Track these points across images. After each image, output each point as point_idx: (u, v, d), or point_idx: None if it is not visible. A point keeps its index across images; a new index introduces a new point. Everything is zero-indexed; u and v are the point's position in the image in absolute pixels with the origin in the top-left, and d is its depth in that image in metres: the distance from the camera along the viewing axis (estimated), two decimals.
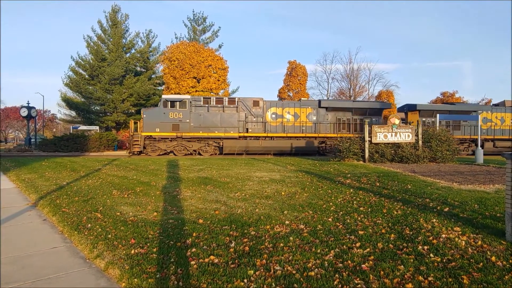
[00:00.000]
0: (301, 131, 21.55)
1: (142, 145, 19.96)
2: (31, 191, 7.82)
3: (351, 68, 45.94)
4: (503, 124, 24.31)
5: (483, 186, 7.98)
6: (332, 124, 21.87)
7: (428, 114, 23.24)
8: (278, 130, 21.36)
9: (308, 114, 21.75)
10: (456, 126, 23.63)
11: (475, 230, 4.64)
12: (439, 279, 3.22)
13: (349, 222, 5.14)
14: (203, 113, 20.35)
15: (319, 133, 21.62)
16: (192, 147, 20.62)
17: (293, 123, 21.51)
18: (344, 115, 22.13)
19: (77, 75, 33.43)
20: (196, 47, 29.90)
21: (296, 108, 21.63)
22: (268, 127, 21.19)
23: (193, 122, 20.10)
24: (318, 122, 21.70)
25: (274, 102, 21.92)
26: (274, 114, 21.42)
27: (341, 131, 21.77)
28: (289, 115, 21.56)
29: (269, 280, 3.22)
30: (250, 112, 21.00)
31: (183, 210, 6.00)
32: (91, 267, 3.71)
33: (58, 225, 5.27)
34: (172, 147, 20.42)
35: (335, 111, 22.07)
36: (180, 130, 20.03)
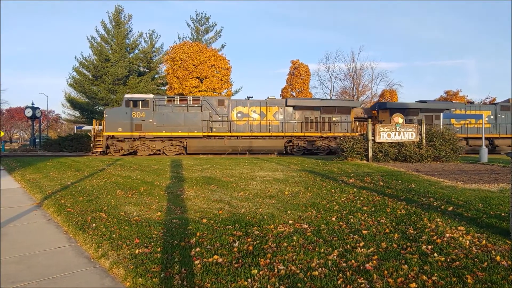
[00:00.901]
0: (267, 130, 21.25)
1: (104, 145, 19.79)
2: (36, 191, 7.89)
3: (354, 67, 45.81)
4: (477, 122, 23.67)
5: (488, 185, 7.93)
6: (300, 123, 21.53)
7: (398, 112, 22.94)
8: (244, 129, 21.02)
9: (275, 113, 21.45)
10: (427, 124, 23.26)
11: (480, 230, 4.61)
12: (443, 279, 3.21)
13: (353, 222, 5.13)
14: (167, 113, 20.14)
15: (286, 132, 21.30)
16: (155, 147, 20.40)
17: (259, 122, 21.18)
18: (312, 113, 21.77)
19: (81, 76, 33.63)
20: (199, 47, 29.94)
21: (262, 107, 21.33)
22: (233, 126, 20.93)
23: (156, 122, 19.90)
24: (285, 121, 21.37)
25: (240, 101, 21.62)
26: (240, 113, 21.10)
27: (309, 130, 21.52)
28: (255, 114, 21.24)
29: (273, 280, 3.23)
30: (215, 112, 20.74)
31: (187, 209, 6.02)
32: (95, 267, 3.73)
33: (63, 224, 5.31)
34: (135, 147, 20.18)
35: (302, 109, 21.66)
36: (143, 129, 19.81)
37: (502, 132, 23.50)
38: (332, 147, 21.79)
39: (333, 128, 21.90)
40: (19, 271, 3.61)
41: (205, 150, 20.76)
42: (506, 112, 23.84)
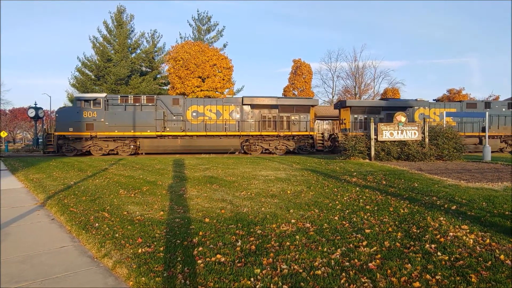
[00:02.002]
0: (224, 129, 20.90)
1: (55, 145, 19.60)
2: (39, 191, 7.92)
3: (356, 66, 45.71)
4: (441, 121, 23.03)
5: (491, 184, 7.89)
6: (257, 122, 21.16)
7: (359, 111, 22.45)
8: (200, 128, 20.70)
9: (231, 111, 21.06)
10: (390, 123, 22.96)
11: (483, 228, 4.59)
12: (446, 278, 3.20)
13: (356, 221, 5.12)
14: (119, 112, 19.76)
15: (242, 131, 20.92)
16: (108, 147, 20.15)
17: (215, 121, 20.83)
18: (269, 112, 21.30)
19: (84, 76, 33.75)
20: (201, 46, 29.95)
21: (218, 106, 20.98)
22: (188, 126, 20.56)
23: (108, 121, 19.54)
24: (242, 120, 20.99)
25: (195, 100, 21.39)
26: (195, 112, 20.73)
27: (267, 129, 21.17)
28: (211, 113, 20.95)
29: (275, 279, 3.22)
30: (170, 111, 20.46)
31: (189, 209, 6.03)
32: (99, 266, 3.74)
33: (66, 224, 5.33)
34: (88, 147, 19.96)
35: (260, 108, 21.25)
36: (95, 129, 19.48)
37: (468, 130, 22.99)
38: (290, 146, 21.46)
39: (291, 127, 21.45)
40: (23, 270, 3.62)
41: (158, 150, 20.45)
42: (472, 109, 23.18)
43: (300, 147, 21.70)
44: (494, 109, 23.12)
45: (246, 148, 21.40)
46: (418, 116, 22.76)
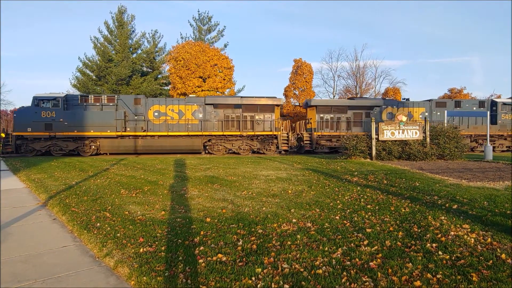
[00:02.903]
0: (186, 129, 20.66)
1: (13, 145, 19.37)
2: (41, 191, 7.94)
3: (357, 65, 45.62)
4: (410, 120, 23.16)
5: (493, 183, 7.88)
6: (220, 122, 20.93)
7: (325, 110, 22.24)
8: (162, 128, 20.44)
9: (193, 111, 20.81)
10: (357, 122, 22.42)
11: (485, 228, 4.59)
12: (448, 277, 3.20)
13: (357, 220, 5.12)
14: (79, 112, 19.52)
15: (204, 131, 20.75)
16: (68, 147, 19.95)
17: (177, 121, 20.59)
18: (233, 112, 21.10)
19: (85, 76, 33.82)
20: (201, 46, 29.99)
21: (181, 105, 20.76)
22: (150, 126, 20.35)
23: (68, 121, 19.29)
24: (205, 120, 20.80)
25: (157, 99, 21.12)
26: (157, 112, 20.50)
27: (230, 128, 20.94)
28: (173, 113, 20.65)
29: (277, 278, 3.23)
30: (131, 111, 20.27)
31: (191, 208, 6.04)
32: (100, 266, 3.76)
33: (67, 224, 5.35)
34: (47, 147, 19.75)
35: (223, 108, 21.04)
36: (54, 129, 19.20)
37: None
38: (254, 147, 21.28)
39: (255, 126, 21.22)
40: (25, 270, 3.64)
41: (119, 150, 20.21)
42: (441, 108, 22.88)
43: (265, 147, 21.46)
44: (464, 108, 22.90)
45: (209, 148, 21.17)
46: (386, 115, 22.44)
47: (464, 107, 23.00)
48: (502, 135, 23.11)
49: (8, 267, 3.70)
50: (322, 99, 21.65)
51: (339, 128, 22.20)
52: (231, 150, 21.38)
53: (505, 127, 22.94)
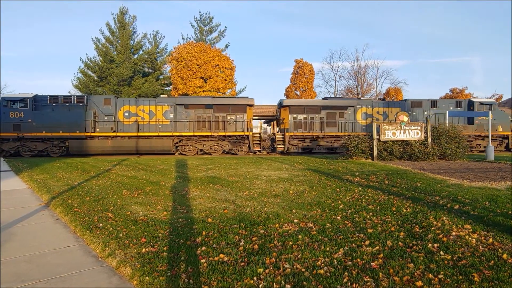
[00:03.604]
0: (157, 129, 20.56)
1: None
2: (43, 192, 7.97)
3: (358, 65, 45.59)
4: (385, 120, 22.35)
5: (494, 183, 7.87)
6: (192, 122, 20.82)
7: (298, 110, 21.94)
8: (132, 129, 20.33)
9: (164, 112, 20.72)
10: (331, 122, 22.15)
11: (486, 228, 4.59)
12: (449, 277, 3.21)
13: (358, 220, 5.13)
14: (48, 113, 19.37)
15: (175, 132, 20.61)
16: (37, 148, 19.71)
17: (148, 122, 20.51)
18: (204, 112, 20.97)
19: (86, 77, 33.91)
20: (203, 47, 30.04)
21: (151, 106, 20.66)
22: (120, 126, 20.25)
23: (36, 122, 19.14)
24: (176, 120, 20.68)
25: (127, 100, 20.98)
26: (127, 112, 20.35)
27: (201, 129, 20.88)
28: (143, 113, 20.54)
29: (278, 278, 3.24)
30: (101, 111, 20.23)
31: (192, 209, 6.06)
32: (103, 266, 3.78)
33: (70, 224, 5.37)
34: (15, 148, 19.62)
35: (194, 108, 20.92)
36: (22, 130, 19.04)
37: None
38: (225, 147, 21.16)
39: (227, 127, 21.11)
40: (28, 270, 3.67)
41: (88, 151, 20.06)
42: (417, 108, 22.74)
43: (236, 147, 21.34)
44: (440, 108, 22.68)
45: (180, 149, 21.07)
46: (360, 116, 22.22)
47: (441, 107, 22.71)
48: (480, 135, 22.84)
49: (12, 267, 3.73)
50: (294, 99, 21.39)
51: (312, 128, 21.95)
52: (202, 151, 21.22)
53: (482, 127, 22.65)
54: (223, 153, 21.43)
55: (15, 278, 3.46)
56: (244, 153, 21.32)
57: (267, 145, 23.44)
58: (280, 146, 21.99)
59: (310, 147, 21.99)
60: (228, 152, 21.51)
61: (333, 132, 21.93)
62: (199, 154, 21.00)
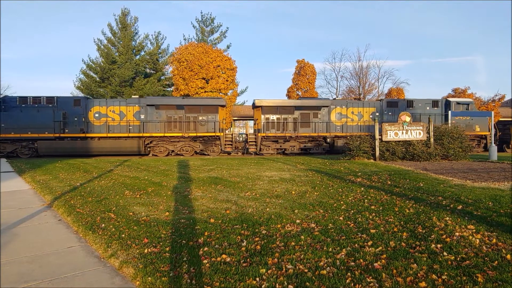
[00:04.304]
0: (127, 130, 20.43)
1: None
2: (46, 192, 8.00)
3: (360, 66, 45.51)
4: (360, 120, 22.16)
5: (498, 184, 7.83)
6: (163, 123, 20.65)
7: (271, 111, 21.64)
8: (102, 130, 20.22)
9: (135, 112, 20.54)
10: (305, 123, 21.87)
11: (490, 228, 4.57)
12: (453, 278, 3.19)
13: (361, 221, 5.11)
14: (16, 114, 19.30)
15: (145, 133, 20.49)
16: (6, 149, 19.62)
17: (118, 122, 20.37)
18: (176, 113, 20.84)
19: (89, 78, 34.03)
20: (204, 48, 30.06)
21: (122, 106, 20.52)
22: (90, 127, 20.17)
23: (5, 123, 19.11)
24: (147, 121, 20.58)
25: (97, 100, 20.83)
26: (97, 113, 20.29)
27: (172, 130, 20.72)
28: (114, 114, 20.42)
29: (281, 279, 3.23)
30: (71, 112, 20.00)
31: (194, 209, 6.06)
32: (105, 266, 3.78)
33: (73, 225, 5.38)
34: None
35: (165, 109, 20.78)
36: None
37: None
38: (197, 148, 21.02)
39: (198, 127, 20.95)
40: (31, 270, 3.67)
41: (57, 152, 19.90)
42: (393, 108, 22.48)
43: (208, 148, 21.21)
44: (417, 108, 22.50)
45: (151, 150, 20.95)
46: (335, 116, 21.99)
47: (417, 107, 22.50)
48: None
49: (15, 267, 3.74)
50: (267, 99, 21.11)
51: (285, 129, 21.71)
52: (174, 152, 21.11)
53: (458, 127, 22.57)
54: (195, 154, 21.24)
55: (19, 278, 3.47)
56: (216, 154, 21.18)
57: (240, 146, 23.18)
58: (252, 147, 21.76)
59: (283, 148, 21.73)
60: (199, 153, 21.37)
61: (307, 133, 21.68)
62: (172, 155, 20.84)
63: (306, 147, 21.79)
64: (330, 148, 21.97)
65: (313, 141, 21.98)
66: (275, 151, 21.84)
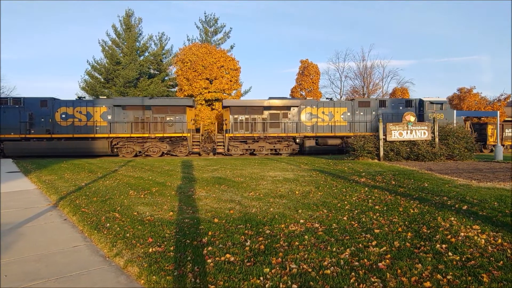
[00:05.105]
0: (94, 131, 20.26)
1: None
2: (51, 192, 8.07)
3: (364, 65, 45.40)
4: (331, 120, 21.70)
5: (503, 184, 7.77)
6: (130, 123, 20.40)
7: (239, 111, 21.23)
8: (69, 131, 20.05)
9: (102, 113, 20.36)
10: (274, 123, 21.37)
11: (495, 228, 4.53)
12: (458, 278, 3.17)
13: (365, 221, 5.10)
14: None
15: (111, 133, 20.25)
16: None
17: (85, 123, 20.20)
18: (143, 113, 20.61)
19: (93, 79, 34.25)
20: (208, 48, 30.13)
21: (89, 107, 20.33)
22: (57, 128, 19.95)
23: None
24: (114, 122, 20.35)
25: (64, 101, 20.53)
26: (64, 114, 20.05)
27: (140, 130, 20.49)
28: (81, 115, 20.21)
29: (285, 278, 3.24)
30: (38, 113, 19.86)
31: (198, 209, 6.08)
32: (111, 265, 3.81)
33: (78, 224, 5.43)
34: None
35: (133, 109, 20.54)
36: None
37: (361, 130, 21.41)
38: (164, 149, 20.85)
39: (166, 128, 20.67)
40: (38, 269, 3.71)
41: (23, 153, 19.84)
42: (364, 108, 21.93)
43: (175, 149, 21.03)
44: (390, 108, 22.11)
45: (119, 151, 20.82)
46: (305, 116, 21.67)
47: (390, 107, 22.13)
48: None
49: (22, 266, 3.78)
50: (235, 99, 20.72)
51: (254, 129, 21.27)
52: (141, 152, 20.97)
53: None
54: (163, 155, 21.11)
55: (25, 276, 3.51)
56: (183, 154, 21.05)
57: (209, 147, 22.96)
58: (220, 148, 21.57)
59: (252, 149, 21.49)
60: (167, 153, 21.25)
61: (276, 133, 21.34)
62: (143, 156, 20.68)
63: (275, 147, 21.53)
64: (300, 148, 21.68)
65: (283, 142, 21.65)
66: (244, 151, 21.56)
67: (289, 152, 21.53)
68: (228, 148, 21.28)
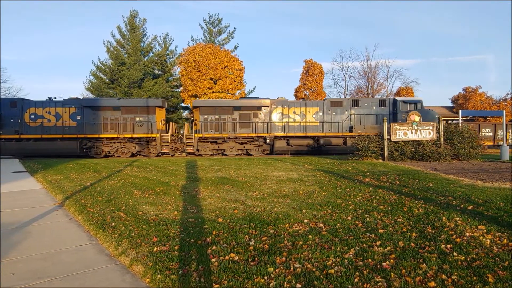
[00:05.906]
0: (63, 132, 20.26)
1: None
2: (57, 192, 8.15)
3: (368, 65, 45.26)
4: (303, 121, 21.49)
5: (509, 184, 7.70)
6: (99, 124, 20.45)
7: (209, 111, 21.21)
8: (38, 131, 20.03)
9: (71, 114, 20.40)
10: (245, 123, 21.30)
11: (501, 229, 4.50)
12: (463, 278, 3.16)
13: (369, 221, 5.09)
14: None
15: (80, 134, 20.32)
16: None
17: (55, 124, 20.26)
18: (112, 114, 20.61)
19: (98, 80, 34.47)
20: (212, 48, 30.21)
21: (58, 108, 20.34)
22: (26, 129, 19.97)
23: None
24: (84, 122, 20.36)
25: (34, 102, 20.49)
26: (33, 114, 20.12)
27: (109, 131, 20.54)
28: (50, 116, 20.24)
29: (289, 277, 3.25)
30: (7, 113, 19.94)
31: (203, 209, 6.10)
32: (116, 264, 3.85)
33: (83, 223, 5.48)
34: None
35: (102, 110, 20.59)
36: None
37: (334, 130, 21.56)
38: (133, 149, 20.76)
39: (136, 128, 20.67)
40: (44, 267, 3.76)
41: None
42: (337, 108, 21.72)
43: (144, 149, 20.96)
44: (363, 107, 21.84)
45: (88, 151, 20.79)
46: (276, 116, 21.46)
47: (363, 106, 21.89)
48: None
49: (28, 265, 3.83)
50: (205, 99, 20.57)
51: (224, 129, 21.23)
52: (110, 153, 20.97)
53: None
54: (133, 155, 21.07)
55: (32, 275, 3.55)
56: (153, 155, 21.02)
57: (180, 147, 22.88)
58: (189, 148, 21.50)
59: (222, 149, 21.43)
60: (136, 154, 21.22)
61: (246, 133, 21.23)
62: (115, 157, 20.64)
63: (245, 148, 21.44)
64: (271, 149, 21.53)
65: (253, 142, 21.54)
66: (214, 152, 21.48)
67: (260, 153, 21.49)
68: (197, 149, 21.25)
